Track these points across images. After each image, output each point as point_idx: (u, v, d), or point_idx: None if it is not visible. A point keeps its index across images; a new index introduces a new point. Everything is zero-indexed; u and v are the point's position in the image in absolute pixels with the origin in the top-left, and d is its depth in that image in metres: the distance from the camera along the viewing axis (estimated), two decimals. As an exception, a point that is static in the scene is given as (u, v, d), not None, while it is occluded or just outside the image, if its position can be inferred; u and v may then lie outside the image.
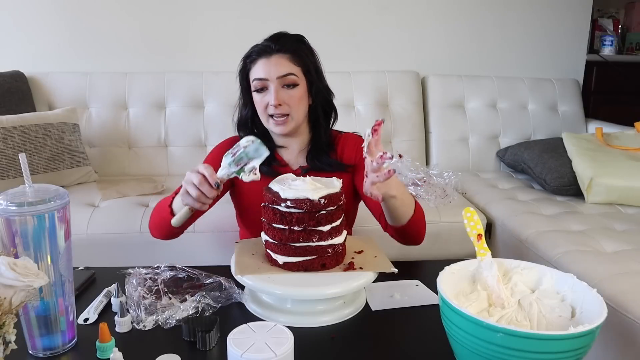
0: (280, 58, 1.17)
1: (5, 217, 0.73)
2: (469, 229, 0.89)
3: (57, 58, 2.35)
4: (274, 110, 1.17)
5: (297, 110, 1.19)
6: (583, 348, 0.69)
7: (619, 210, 1.84)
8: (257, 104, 1.20)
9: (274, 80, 1.16)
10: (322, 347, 0.84)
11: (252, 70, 1.20)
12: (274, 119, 1.19)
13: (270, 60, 1.17)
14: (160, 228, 1.15)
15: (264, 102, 1.18)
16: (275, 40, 1.19)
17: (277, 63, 1.17)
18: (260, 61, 1.18)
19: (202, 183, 0.93)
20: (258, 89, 1.18)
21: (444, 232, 1.80)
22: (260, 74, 1.17)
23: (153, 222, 1.18)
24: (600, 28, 3.17)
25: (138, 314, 0.89)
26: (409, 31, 2.55)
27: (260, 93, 1.18)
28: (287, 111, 1.18)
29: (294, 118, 1.19)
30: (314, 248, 0.91)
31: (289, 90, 1.17)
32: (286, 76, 1.17)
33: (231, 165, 0.94)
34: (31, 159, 1.87)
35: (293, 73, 1.17)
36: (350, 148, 1.29)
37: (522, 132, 2.50)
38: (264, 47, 1.19)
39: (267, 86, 1.17)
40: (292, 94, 1.18)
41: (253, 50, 1.21)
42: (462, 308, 0.71)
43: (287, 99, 1.17)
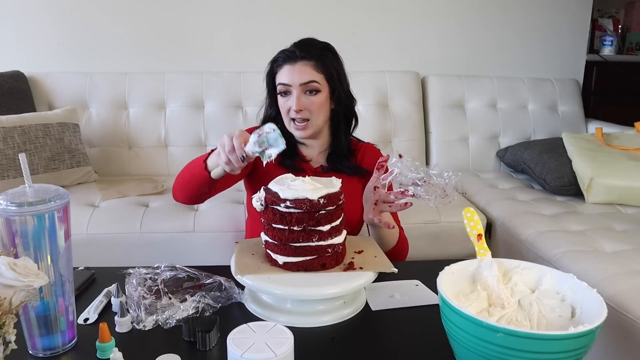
0: (304, 65, 1.22)
1: (5, 217, 0.73)
2: (469, 229, 0.89)
3: (57, 58, 2.35)
4: (295, 115, 1.22)
5: (318, 116, 1.24)
6: (583, 348, 0.69)
7: (619, 210, 1.84)
8: (281, 106, 1.26)
9: (296, 86, 1.21)
10: (322, 347, 0.84)
11: (278, 75, 1.25)
12: (295, 124, 1.24)
13: (295, 67, 1.22)
14: (188, 185, 1.18)
15: (286, 106, 1.24)
16: (302, 47, 1.24)
17: (301, 70, 1.21)
18: (285, 67, 1.23)
19: (232, 152, 1.00)
20: (282, 92, 1.24)
21: (444, 232, 1.80)
22: (284, 80, 1.23)
23: (182, 179, 1.20)
24: (600, 28, 3.17)
25: (138, 314, 0.89)
26: (409, 31, 2.55)
27: (284, 97, 1.24)
28: (308, 116, 1.23)
29: (314, 123, 1.24)
30: (313, 248, 0.91)
31: (310, 96, 1.22)
32: (308, 83, 1.21)
33: (255, 145, 0.99)
34: (31, 159, 1.87)
35: (315, 80, 1.22)
36: (369, 157, 1.34)
37: (522, 132, 2.50)
38: (290, 54, 1.23)
39: (290, 91, 1.23)
40: (314, 100, 1.22)
41: (280, 55, 1.26)
42: (462, 308, 0.71)
43: (308, 105, 1.22)
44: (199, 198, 1.22)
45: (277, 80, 1.26)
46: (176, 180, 1.22)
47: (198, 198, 1.22)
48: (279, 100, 1.26)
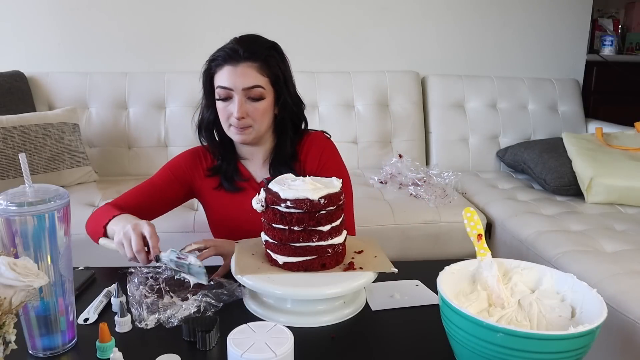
0: (248, 67, 1.11)
1: (5, 217, 0.73)
2: (469, 229, 0.89)
3: (57, 58, 2.35)
4: (236, 122, 1.13)
5: (261, 123, 1.15)
6: (583, 348, 0.69)
7: (619, 210, 1.84)
8: (220, 111, 1.15)
9: (239, 91, 1.11)
10: (322, 347, 0.84)
11: (217, 76, 1.14)
12: (236, 129, 1.14)
13: (237, 70, 1.11)
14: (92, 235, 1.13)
15: (226, 112, 1.13)
16: (245, 45, 1.12)
17: (244, 73, 1.10)
18: (226, 68, 1.12)
19: (140, 252, 0.96)
20: (222, 97, 1.13)
21: (444, 232, 1.80)
22: (225, 83, 1.12)
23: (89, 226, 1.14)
24: (600, 28, 3.17)
25: (140, 313, 0.89)
26: (409, 31, 2.55)
27: (224, 102, 1.13)
28: (250, 123, 1.13)
29: (256, 129, 1.15)
30: (314, 248, 0.91)
31: (253, 102, 1.12)
32: (252, 88, 1.11)
33: (171, 262, 0.97)
34: (31, 159, 1.87)
35: (260, 85, 1.11)
36: (314, 153, 1.23)
37: (522, 132, 2.50)
38: (232, 53, 1.12)
39: (231, 96, 1.12)
40: (257, 106, 1.12)
41: (219, 53, 1.14)
42: (462, 308, 0.71)
43: (251, 112, 1.12)
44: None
45: (216, 82, 1.14)
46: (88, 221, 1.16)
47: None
48: (217, 104, 1.15)
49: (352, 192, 1.24)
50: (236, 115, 1.11)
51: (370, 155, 2.33)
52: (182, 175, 1.24)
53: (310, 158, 1.22)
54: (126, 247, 0.97)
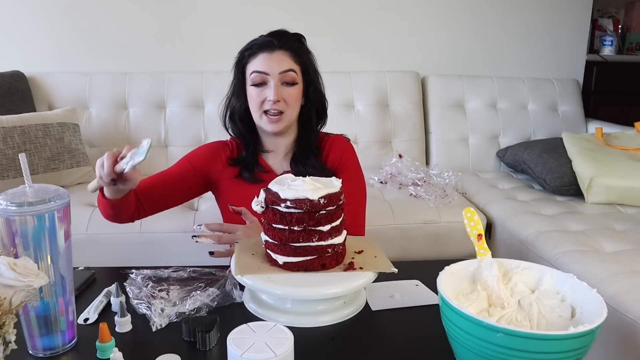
0: (283, 55, 1.17)
1: (5, 217, 0.73)
2: (469, 229, 0.89)
3: (57, 58, 2.35)
4: (271, 105, 1.16)
5: (293, 109, 1.19)
6: (583, 348, 0.69)
7: (619, 210, 1.84)
8: (253, 98, 1.19)
9: (275, 75, 1.16)
10: (322, 347, 0.84)
11: (251, 64, 1.19)
12: (268, 116, 1.18)
13: (273, 56, 1.16)
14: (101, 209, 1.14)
15: (260, 97, 1.17)
16: (278, 36, 1.19)
17: (279, 59, 1.16)
18: (261, 55, 1.17)
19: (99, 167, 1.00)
20: (256, 83, 1.17)
21: (444, 232, 1.80)
22: (261, 68, 1.16)
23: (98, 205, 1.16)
24: (600, 28, 3.17)
25: (145, 313, 0.89)
26: (409, 31, 2.56)
27: (258, 87, 1.17)
28: (283, 108, 1.17)
29: (288, 116, 1.19)
30: (313, 248, 0.91)
31: (287, 87, 1.17)
32: (287, 72, 1.16)
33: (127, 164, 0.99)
34: (31, 159, 1.87)
35: (294, 70, 1.18)
36: (336, 152, 1.27)
37: (522, 132, 2.50)
38: (266, 42, 1.18)
39: (266, 81, 1.17)
40: (291, 92, 1.18)
41: (254, 43, 1.20)
42: (462, 308, 0.70)
43: (286, 96, 1.17)
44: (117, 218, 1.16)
45: (249, 69, 1.19)
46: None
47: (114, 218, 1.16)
48: (250, 91, 1.19)
49: (365, 193, 1.28)
50: (272, 97, 1.15)
51: (370, 155, 2.33)
52: (200, 166, 1.25)
53: (332, 157, 1.27)
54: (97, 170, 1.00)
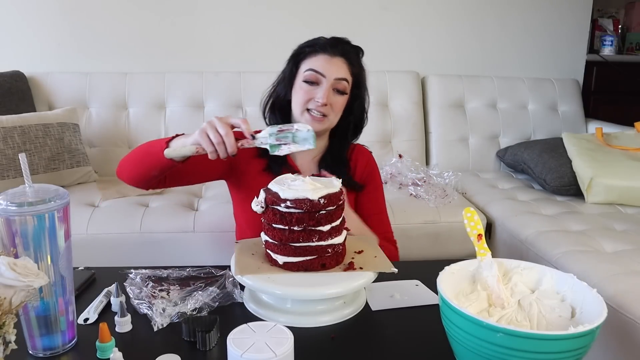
0: (342, 62, 1.19)
1: (5, 217, 0.73)
2: (469, 229, 0.89)
3: (57, 58, 2.35)
4: (317, 106, 1.17)
5: (336, 116, 1.21)
6: (583, 348, 0.69)
7: (619, 210, 1.84)
8: (300, 93, 1.19)
9: (330, 79, 1.17)
10: (322, 347, 0.84)
11: (309, 61, 1.19)
12: (311, 114, 1.18)
13: (332, 60, 1.18)
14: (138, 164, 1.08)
15: (309, 95, 1.18)
16: (341, 43, 1.21)
17: (338, 65, 1.18)
18: (321, 56, 1.19)
19: (228, 135, 0.93)
20: (309, 80, 1.18)
21: (444, 232, 1.80)
22: (319, 68, 1.17)
23: (132, 157, 1.10)
24: (600, 28, 3.17)
25: (147, 313, 0.89)
26: (409, 31, 2.56)
27: (310, 85, 1.18)
28: (328, 112, 1.18)
29: (330, 121, 1.20)
30: (313, 248, 0.91)
31: (337, 94, 1.19)
32: (341, 80, 1.18)
33: (271, 137, 0.95)
34: (31, 159, 1.87)
35: (347, 80, 1.19)
36: (362, 164, 1.31)
37: (522, 132, 2.50)
38: (329, 45, 1.19)
39: (319, 82, 1.17)
40: (339, 99, 1.19)
41: (316, 42, 1.21)
42: (462, 308, 0.70)
43: (333, 102, 1.18)
44: (146, 181, 1.10)
45: (305, 65, 1.20)
46: (125, 158, 1.12)
47: (148, 182, 1.10)
48: (301, 86, 1.19)
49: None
50: (322, 100, 1.16)
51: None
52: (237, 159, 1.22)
53: (360, 167, 1.30)
54: (212, 134, 0.93)
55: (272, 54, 2.48)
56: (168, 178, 1.14)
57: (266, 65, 2.41)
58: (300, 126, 0.96)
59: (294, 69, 1.23)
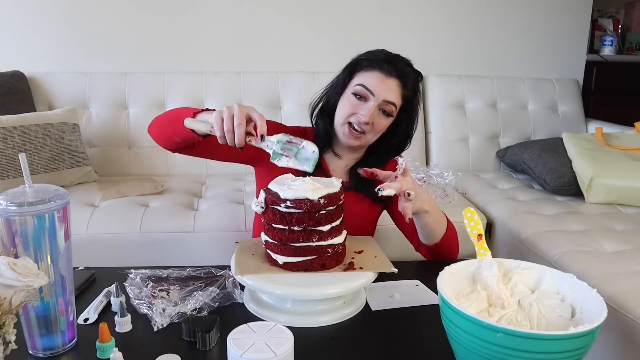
0: (396, 85, 1.15)
1: (5, 217, 0.73)
2: (469, 229, 0.89)
3: (57, 58, 2.35)
4: (357, 122, 1.14)
5: (374, 136, 1.18)
6: (583, 348, 0.69)
7: (619, 210, 1.84)
8: (346, 105, 1.17)
9: (378, 100, 1.14)
10: (322, 347, 0.84)
11: (363, 75, 1.17)
12: (351, 130, 1.16)
13: (387, 81, 1.14)
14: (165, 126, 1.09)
15: (353, 109, 1.15)
16: (401, 65, 1.17)
17: (391, 87, 1.14)
18: (376, 73, 1.15)
19: (240, 126, 0.91)
20: (358, 94, 1.15)
21: (444, 232, 1.80)
22: (370, 86, 1.14)
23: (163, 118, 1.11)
24: (600, 28, 3.17)
25: (147, 313, 0.89)
26: (409, 31, 2.56)
27: (357, 99, 1.15)
28: (367, 130, 1.16)
29: (367, 139, 1.18)
30: (314, 248, 0.91)
31: (381, 115, 1.16)
32: (389, 104, 1.15)
33: (278, 144, 0.93)
34: (31, 159, 1.87)
35: (395, 104, 1.16)
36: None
37: (522, 132, 2.50)
38: (387, 64, 1.15)
39: (367, 98, 1.15)
40: (382, 121, 1.16)
41: (376, 56, 1.18)
42: (462, 308, 0.70)
43: (376, 123, 1.15)
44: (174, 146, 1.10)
45: (358, 79, 1.17)
46: (157, 117, 1.13)
47: (172, 145, 1.10)
48: (348, 97, 1.17)
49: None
50: (365, 119, 1.13)
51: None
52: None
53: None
54: (226, 119, 0.91)
55: (272, 54, 2.49)
56: (197, 147, 1.11)
57: (266, 65, 2.42)
58: (308, 145, 0.93)
59: (347, 79, 1.20)
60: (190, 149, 1.11)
